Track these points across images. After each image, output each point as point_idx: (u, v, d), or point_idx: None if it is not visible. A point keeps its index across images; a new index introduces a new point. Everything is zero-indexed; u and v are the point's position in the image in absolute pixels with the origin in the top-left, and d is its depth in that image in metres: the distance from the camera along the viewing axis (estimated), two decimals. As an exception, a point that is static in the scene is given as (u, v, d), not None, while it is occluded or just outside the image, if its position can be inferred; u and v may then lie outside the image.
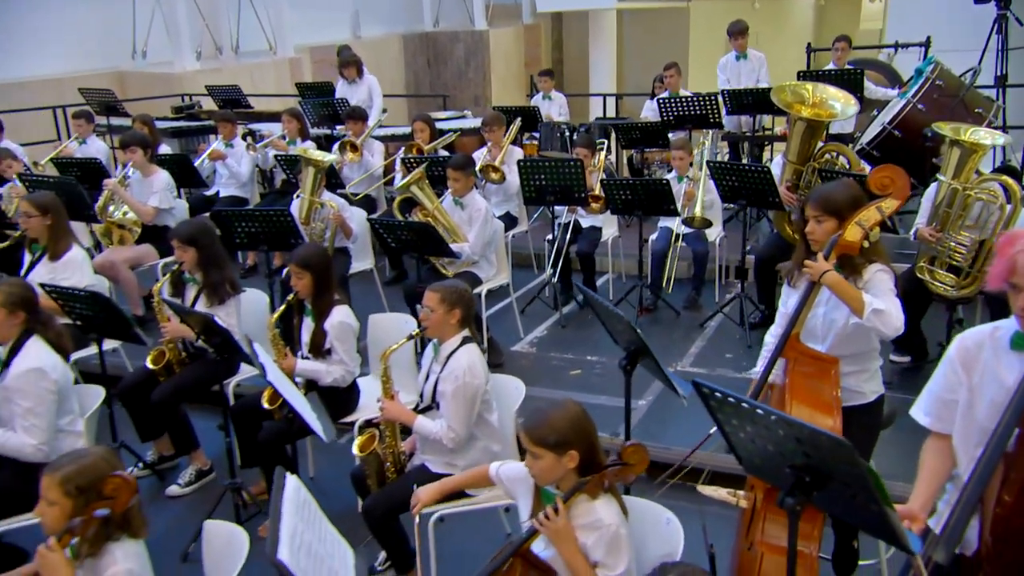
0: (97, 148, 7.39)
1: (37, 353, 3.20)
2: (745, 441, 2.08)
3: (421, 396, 3.33)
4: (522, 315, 5.71)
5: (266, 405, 3.77)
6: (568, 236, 5.78)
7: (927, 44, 7.49)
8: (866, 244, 2.80)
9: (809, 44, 8.41)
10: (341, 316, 3.83)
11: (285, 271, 4.53)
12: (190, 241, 4.12)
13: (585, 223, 5.96)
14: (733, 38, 7.54)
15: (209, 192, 7.09)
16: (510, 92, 15.73)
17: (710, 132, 6.32)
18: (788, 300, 3.09)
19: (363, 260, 5.64)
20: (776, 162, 5.38)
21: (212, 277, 4.14)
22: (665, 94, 7.80)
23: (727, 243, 6.06)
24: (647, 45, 17.43)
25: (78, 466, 2.20)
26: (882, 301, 2.70)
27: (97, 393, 3.50)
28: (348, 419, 3.93)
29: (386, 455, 3.24)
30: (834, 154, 5.07)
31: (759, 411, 1.92)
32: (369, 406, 3.96)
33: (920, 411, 2.29)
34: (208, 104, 9.99)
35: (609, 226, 6.13)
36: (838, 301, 2.87)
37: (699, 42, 18.37)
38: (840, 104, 5.03)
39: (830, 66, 7.24)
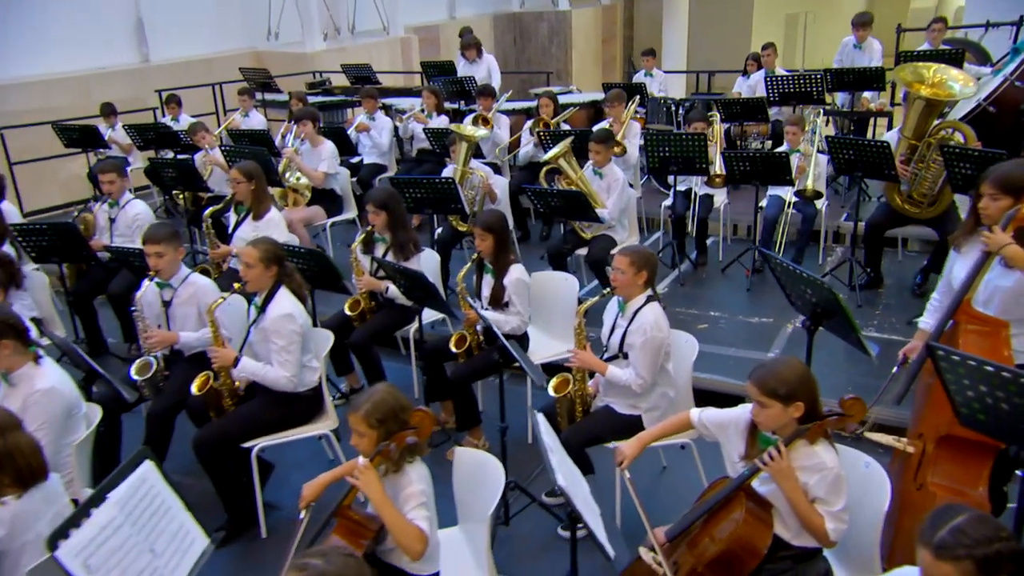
0: (258, 120, 7.56)
1: (287, 301, 3.36)
2: (972, 399, 2.09)
3: (606, 347, 3.39)
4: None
5: (454, 349, 3.92)
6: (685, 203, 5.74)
7: (1020, 23, 7.05)
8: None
9: (899, 25, 7.99)
10: (518, 273, 3.90)
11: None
12: (382, 206, 4.23)
13: (700, 192, 5.89)
14: (855, 28, 7.24)
15: (354, 160, 7.21)
16: (588, 67, 15.44)
17: (820, 109, 6.11)
18: (954, 266, 3.05)
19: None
20: (891, 136, 5.20)
21: (399, 237, 4.25)
22: (760, 72, 7.58)
23: (828, 211, 5.93)
24: (712, 25, 16.82)
25: (372, 403, 2.33)
26: None
27: (327, 336, 3.65)
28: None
29: (575, 396, 3.34)
30: (950, 130, 4.87)
31: (1005, 374, 1.92)
32: (536, 352, 4.07)
33: None
34: (337, 80, 10.08)
35: (719, 194, 6.04)
36: (1004, 269, 2.82)
37: (761, 22, 17.66)
38: (959, 85, 4.80)
39: (925, 46, 6.89)
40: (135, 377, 3.54)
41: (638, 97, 6.74)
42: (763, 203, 5.74)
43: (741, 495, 2.38)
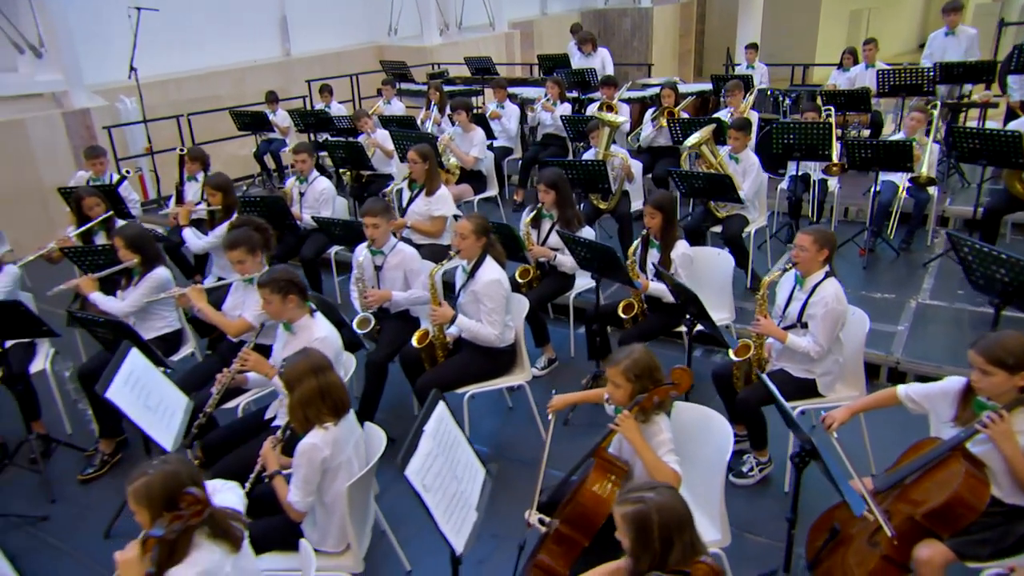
0: (398, 107, 7.63)
1: (494, 268, 3.42)
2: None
3: (782, 317, 3.32)
4: (758, 250, 5.57)
5: (622, 315, 3.92)
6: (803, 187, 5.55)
7: None
8: None
9: (1002, 20, 7.44)
10: (683, 248, 3.85)
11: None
12: (552, 185, 4.22)
13: (817, 177, 5.68)
14: (946, 14, 6.78)
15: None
16: (667, 60, 14.98)
17: (938, 101, 5.79)
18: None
19: (637, 200, 5.63)
20: (1018, 124, 4.89)
21: (566, 213, 4.24)
22: (859, 66, 7.23)
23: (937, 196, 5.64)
24: (782, 21, 16.05)
25: (632, 360, 2.36)
26: None
27: (524, 301, 3.69)
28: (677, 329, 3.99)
29: (754, 360, 3.30)
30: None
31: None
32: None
33: None
34: (454, 71, 10.07)
35: (831, 179, 5.81)
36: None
37: (827, 19, 16.76)
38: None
39: (1032, 39, 6.40)
40: (357, 330, 3.67)
41: (755, 90, 6.50)
42: (878, 187, 5.50)
43: (958, 454, 2.33)
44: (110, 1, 7.76)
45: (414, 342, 3.48)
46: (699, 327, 3.41)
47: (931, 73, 6.21)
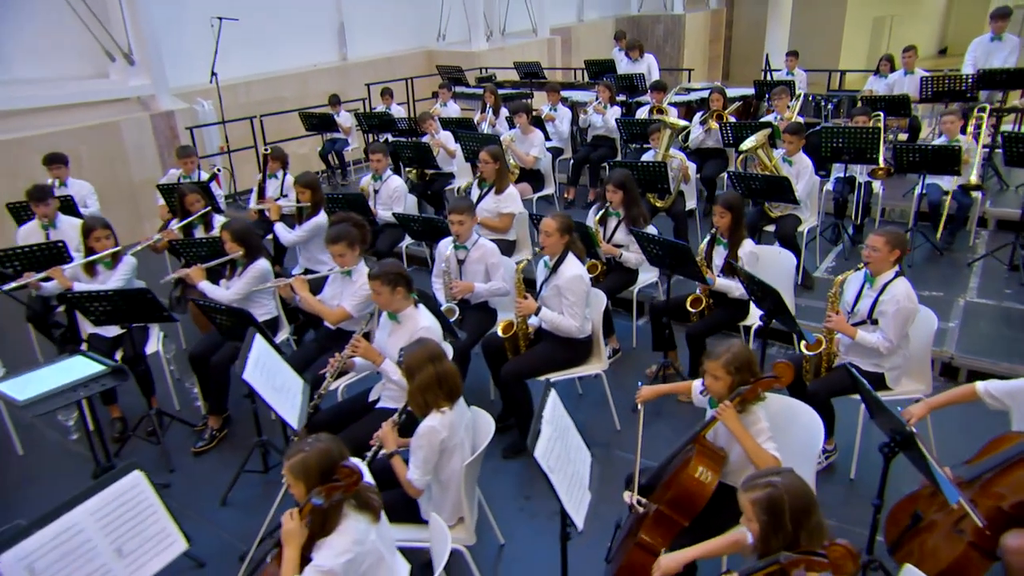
0: (454, 109, 7.67)
1: (576, 264, 3.45)
2: None
3: (851, 313, 3.30)
4: (806, 249, 5.51)
5: (690, 308, 3.92)
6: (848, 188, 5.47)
7: None
8: None
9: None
10: (750, 246, 3.83)
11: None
12: (620, 185, 4.22)
13: (861, 179, 5.59)
14: (993, 20, 6.61)
15: (537, 144, 7.21)
16: (697, 65, 14.78)
17: (987, 106, 5.66)
18: None
19: (691, 200, 5.61)
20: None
21: (632, 212, 4.24)
22: (897, 73, 7.09)
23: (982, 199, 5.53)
24: (808, 28, 15.72)
25: (732, 354, 2.38)
26: None
27: (600, 297, 3.71)
28: (745, 323, 4.00)
29: (825, 355, 3.29)
30: None
31: None
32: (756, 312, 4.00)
33: None
34: (500, 75, 10.06)
35: (876, 181, 5.71)
36: None
37: (852, 26, 16.38)
38: None
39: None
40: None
41: (802, 94, 6.42)
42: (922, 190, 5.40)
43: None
44: (189, 11, 7.92)
45: (499, 331, 3.54)
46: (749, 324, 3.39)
47: (971, 80, 6.07)
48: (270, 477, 3.40)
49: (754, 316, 3.98)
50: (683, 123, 5.30)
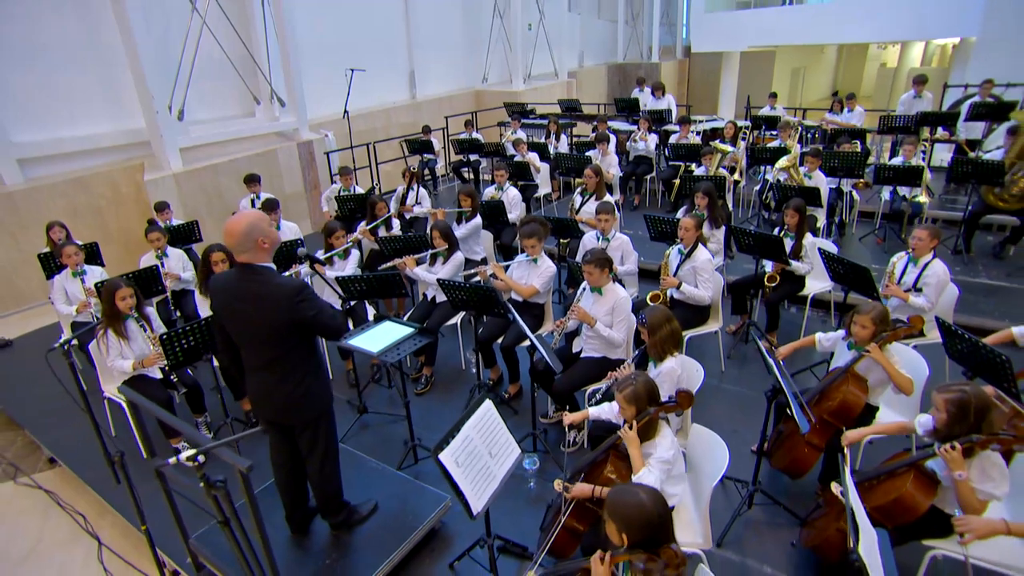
0: (521, 135, 7.75)
1: (704, 251, 3.68)
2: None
3: (899, 283, 3.62)
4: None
5: (767, 284, 4.20)
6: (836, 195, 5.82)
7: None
8: None
9: (945, 84, 7.67)
10: (811, 239, 4.09)
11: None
12: (706, 193, 4.47)
13: (846, 189, 5.92)
14: (916, 84, 7.01)
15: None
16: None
17: (929, 135, 6.08)
18: None
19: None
20: (996, 155, 5.18)
21: (715, 213, 4.48)
22: (852, 112, 7.45)
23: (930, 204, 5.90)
24: (747, 76, 16.14)
25: (877, 312, 2.64)
26: None
27: (719, 278, 3.95)
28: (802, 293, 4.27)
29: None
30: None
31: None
32: (810, 285, 4.28)
33: None
34: (540, 109, 10.11)
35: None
36: None
37: (778, 75, 16.91)
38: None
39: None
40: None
41: (800, 126, 6.74)
42: (885, 196, 5.80)
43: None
44: (322, 63, 7.80)
45: (648, 299, 3.77)
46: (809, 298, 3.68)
47: (914, 121, 6.49)
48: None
49: (809, 288, 4.28)
50: (730, 148, 5.56)
